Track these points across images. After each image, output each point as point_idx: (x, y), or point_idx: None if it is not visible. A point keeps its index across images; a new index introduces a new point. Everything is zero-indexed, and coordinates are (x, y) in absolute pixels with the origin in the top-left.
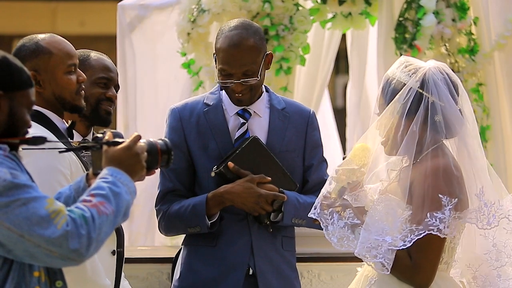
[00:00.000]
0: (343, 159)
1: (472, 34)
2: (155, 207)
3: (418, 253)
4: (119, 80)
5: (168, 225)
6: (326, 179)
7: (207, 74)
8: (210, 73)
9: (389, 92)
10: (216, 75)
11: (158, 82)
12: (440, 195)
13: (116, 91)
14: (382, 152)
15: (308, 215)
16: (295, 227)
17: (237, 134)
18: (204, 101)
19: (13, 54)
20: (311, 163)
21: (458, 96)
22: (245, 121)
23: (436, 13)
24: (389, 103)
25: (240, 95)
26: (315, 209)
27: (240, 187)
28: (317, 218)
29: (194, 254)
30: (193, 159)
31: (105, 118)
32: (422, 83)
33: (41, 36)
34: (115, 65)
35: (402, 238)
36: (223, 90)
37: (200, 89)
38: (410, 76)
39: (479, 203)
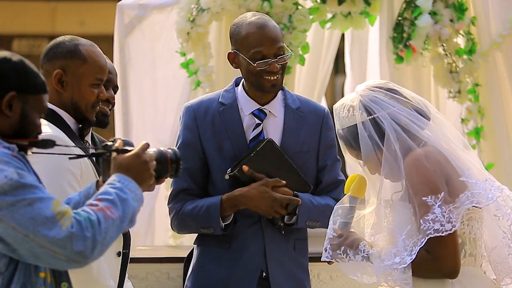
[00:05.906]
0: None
1: (471, 34)
2: (168, 205)
3: (434, 246)
4: (118, 80)
5: (181, 224)
6: (340, 179)
7: (203, 74)
8: (206, 72)
9: (352, 140)
10: (246, 66)
11: (157, 82)
12: (423, 198)
13: (115, 92)
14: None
15: (321, 260)
16: (307, 229)
17: (252, 135)
18: (220, 100)
19: (49, 48)
20: (325, 164)
21: (402, 97)
22: (260, 122)
23: (433, 14)
24: (360, 148)
25: (276, 77)
26: (326, 251)
27: (255, 191)
28: (331, 260)
29: (206, 254)
30: (207, 159)
31: (101, 120)
32: (366, 110)
33: (83, 41)
34: (114, 65)
35: (409, 253)
36: (238, 87)
37: (199, 89)
38: (354, 114)
39: (470, 185)
